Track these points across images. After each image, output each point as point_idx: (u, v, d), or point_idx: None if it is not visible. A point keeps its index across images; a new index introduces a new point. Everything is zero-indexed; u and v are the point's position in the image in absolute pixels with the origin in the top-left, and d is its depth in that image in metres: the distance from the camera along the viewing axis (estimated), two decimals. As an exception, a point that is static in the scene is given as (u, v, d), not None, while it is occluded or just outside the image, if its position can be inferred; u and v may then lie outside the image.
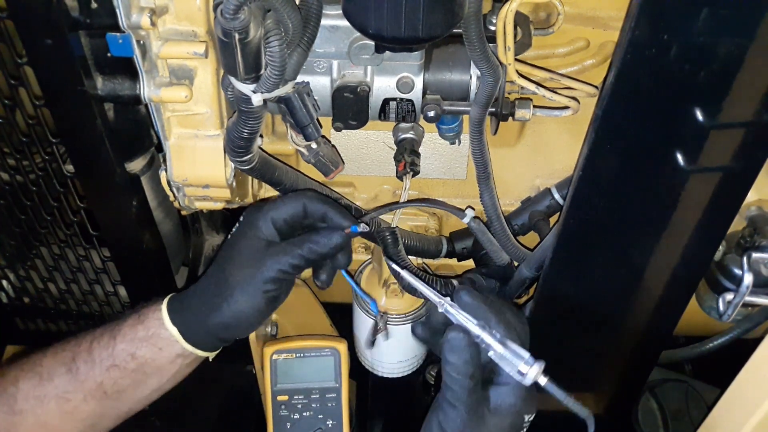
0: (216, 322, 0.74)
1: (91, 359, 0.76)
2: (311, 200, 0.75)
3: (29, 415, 0.76)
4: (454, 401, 0.63)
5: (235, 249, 0.74)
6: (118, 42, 0.68)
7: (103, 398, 0.76)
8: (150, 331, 0.75)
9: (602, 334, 0.79)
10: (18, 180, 0.85)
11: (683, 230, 0.65)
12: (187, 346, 0.75)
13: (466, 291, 0.67)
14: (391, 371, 0.97)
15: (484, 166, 0.79)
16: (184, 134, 0.78)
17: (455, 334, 0.63)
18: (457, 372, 0.62)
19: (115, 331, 0.76)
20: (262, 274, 0.72)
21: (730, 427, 0.64)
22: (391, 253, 0.84)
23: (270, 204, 0.75)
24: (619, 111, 0.58)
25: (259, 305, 0.73)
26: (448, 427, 0.64)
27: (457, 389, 0.63)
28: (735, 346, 0.88)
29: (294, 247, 0.73)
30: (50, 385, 0.75)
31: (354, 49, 0.72)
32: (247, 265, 0.73)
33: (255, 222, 0.74)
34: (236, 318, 0.74)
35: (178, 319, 0.75)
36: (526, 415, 0.65)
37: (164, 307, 0.76)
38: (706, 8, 0.50)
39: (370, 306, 0.85)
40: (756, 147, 0.58)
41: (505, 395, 0.64)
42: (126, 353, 0.75)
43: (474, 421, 0.63)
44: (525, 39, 0.75)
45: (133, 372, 0.76)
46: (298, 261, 0.72)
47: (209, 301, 0.74)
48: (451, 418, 0.63)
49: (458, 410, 0.63)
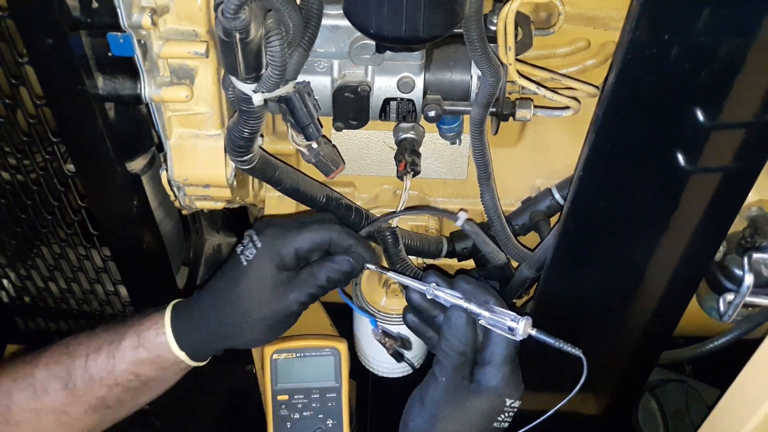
0: (225, 347, 0.76)
1: (89, 376, 0.75)
2: (339, 235, 0.75)
3: (26, 427, 0.75)
4: (439, 374, 0.66)
5: (255, 280, 0.73)
6: (119, 41, 0.68)
7: (104, 410, 0.76)
8: (154, 354, 0.75)
9: (602, 335, 0.79)
10: (19, 179, 0.85)
11: (684, 230, 0.65)
12: (193, 364, 0.76)
13: (464, 278, 0.70)
14: (391, 371, 0.97)
15: (484, 166, 0.79)
16: (185, 134, 0.78)
17: (455, 312, 0.66)
18: (449, 347, 0.65)
19: (113, 350, 0.75)
20: (286, 309, 0.73)
21: (730, 427, 0.64)
22: (391, 254, 0.84)
23: (294, 233, 0.74)
24: (619, 111, 0.58)
25: (275, 335, 0.76)
26: (426, 397, 0.66)
27: (445, 363, 0.65)
28: (735, 347, 0.88)
29: (312, 278, 0.74)
30: (46, 399, 0.75)
31: (355, 49, 0.72)
32: (270, 300, 0.73)
33: (277, 252, 0.73)
34: (249, 345, 0.77)
35: (186, 344, 0.75)
36: (507, 399, 0.66)
37: (168, 330, 0.75)
38: (707, 8, 0.50)
39: (369, 323, 0.85)
40: (756, 147, 0.58)
41: (488, 375, 0.66)
42: (128, 373, 0.75)
43: (453, 397, 0.65)
44: (526, 39, 0.75)
45: (136, 388, 0.76)
46: (317, 291, 0.74)
47: (222, 329, 0.74)
48: (431, 389, 0.66)
49: (439, 383, 0.66)
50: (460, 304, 0.67)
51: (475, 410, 0.65)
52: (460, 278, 0.70)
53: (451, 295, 0.68)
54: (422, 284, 0.71)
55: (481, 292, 0.68)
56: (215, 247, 1.13)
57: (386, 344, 0.82)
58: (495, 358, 0.65)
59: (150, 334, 0.75)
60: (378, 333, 0.81)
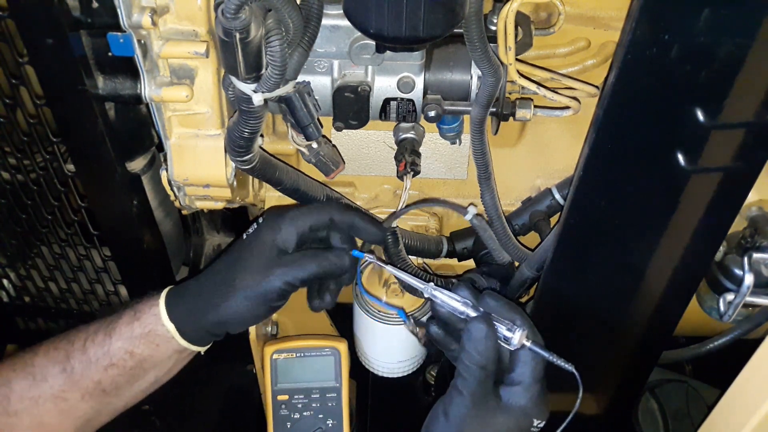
0: (211, 320, 0.74)
1: (87, 358, 0.75)
2: (340, 211, 0.75)
3: (25, 416, 0.75)
4: (462, 388, 0.64)
5: (247, 250, 0.74)
6: (119, 41, 0.68)
7: (101, 396, 0.76)
8: (147, 328, 0.75)
9: (602, 334, 0.79)
10: (19, 179, 0.85)
11: (684, 230, 0.65)
12: (182, 342, 0.75)
13: (491, 294, 0.68)
14: (391, 371, 0.97)
15: (484, 166, 0.79)
16: (185, 134, 0.78)
17: (476, 324, 0.64)
18: (471, 361, 0.64)
19: (110, 329, 0.76)
20: (268, 283, 0.72)
21: (730, 427, 0.64)
22: (391, 253, 0.84)
23: (294, 211, 0.75)
24: (620, 111, 0.58)
25: (257, 311, 0.74)
26: (451, 412, 0.65)
27: (467, 377, 0.64)
28: (735, 347, 0.88)
29: (306, 261, 0.73)
30: (45, 385, 0.75)
31: (355, 49, 0.72)
32: (255, 271, 0.73)
33: (276, 226, 0.73)
34: (232, 318, 0.74)
35: (175, 315, 0.74)
36: (535, 419, 0.66)
37: (162, 302, 0.75)
38: (707, 8, 0.50)
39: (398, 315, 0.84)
40: (757, 147, 0.58)
41: (516, 395, 0.65)
42: (123, 351, 0.75)
43: (479, 413, 0.64)
44: (526, 39, 0.75)
45: (131, 369, 0.76)
46: (307, 275, 0.73)
47: (209, 298, 0.74)
48: (455, 404, 0.64)
49: (464, 397, 0.64)
50: (457, 308, 0.67)
51: (501, 429, 0.64)
52: (488, 294, 0.68)
53: (448, 297, 0.68)
54: (420, 282, 0.70)
55: (507, 311, 0.66)
56: (215, 247, 1.13)
57: (418, 334, 0.81)
58: (525, 379, 0.65)
59: (144, 307, 0.76)
60: (411, 324, 0.80)
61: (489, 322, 0.64)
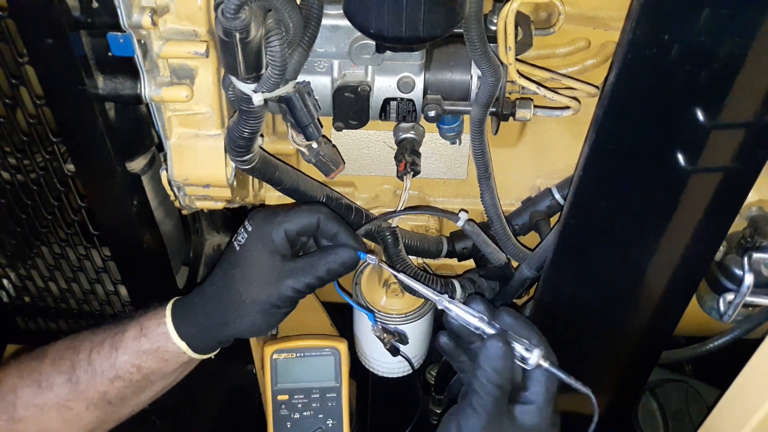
0: (226, 335, 0.75)
1: (92, 369, 0.75)
2: (326, 217, 0.75)
3: (30, 423, 0.76)
4: (478, 407, 0.63)
5: (248, 263, 0.73)
6: (119, 41, 0.68)
7: (106, 406, 0.76)
8: (155, 345, 0.75)
9: (602, 335, 0.79)
10: (19, 179, 0.85)
11: (684, 230, 0.65)
12: (194, 355, 0.76)
13: (508, 311, 0.68)
14: (391, 371, 0.97)
15: (484, 166, 0.79)
16: (185, 134, 0.78)
17: (494, 342, 0.63)
18: (487, 379, 0.63)
19: (117, 342, 0.76)
20: (279, 294, 0.73)
21: (730, 427, 0.64)
22: (391, 253, 0.84)
23: (283, 215, 0.75)
24: (620, 111, 0.58)
25: (272, 320, 0.75)
26: (464, 428, 0.64)
27: (483, 396, 0.63)
28: (735, 347, 0.88)
29: (311, 268, 0.73)
30: (50, 394, 0.75)
31: (355, 49, 0.72)
32: (263, 282, 0.73)
33: (268, 234, 0.73)
34: (248, 331, 0.75)
35: (186, 333, 0.75)
36: None
37: (168, 320, 0.75)
38: (707, 8, 0.50)
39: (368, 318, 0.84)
40: (757, 147, 0.58)
41: (530, 414, 0.64)
42: (130, 365, 0.75)
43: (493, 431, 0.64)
44: (526, 39, 0.75)
45: (137, 382, 0.76)
46: (314, 281, 0.73)
47: (221, 317, 0.74)
48: (471, 423, 0.64)
49: (480, 416, 0.63)
50: (472, 323, 0.66)
51: None
52: (504, 310, 0.68)
53: (463, 311, 0.67)
54: (435, 294, 0.69)
55: (524, 329, 0.66)
56: (215, 247, 1.13)
57: (384, 339, 0.82)
58: (539, 398, 0.64)
59: (151, 324, 0.76)
60: (377, 328, 0.81)
61: (506, 341, 0.64)
